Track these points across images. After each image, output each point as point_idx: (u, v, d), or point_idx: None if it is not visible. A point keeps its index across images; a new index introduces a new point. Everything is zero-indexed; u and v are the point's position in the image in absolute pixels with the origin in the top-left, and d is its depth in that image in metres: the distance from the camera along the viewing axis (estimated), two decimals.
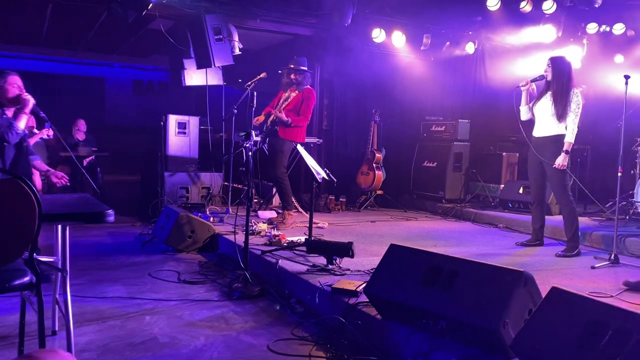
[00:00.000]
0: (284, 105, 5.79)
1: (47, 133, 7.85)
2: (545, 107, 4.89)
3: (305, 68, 5.93)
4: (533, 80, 5.04)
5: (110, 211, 2.57)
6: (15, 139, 3.68)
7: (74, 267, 4.38)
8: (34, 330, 2.48)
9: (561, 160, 4.74)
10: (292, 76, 5.88)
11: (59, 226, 2.84)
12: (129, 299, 3.78)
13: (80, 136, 8.31)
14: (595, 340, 1.96)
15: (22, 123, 3.68)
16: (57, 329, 3.12)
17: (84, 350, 2.86)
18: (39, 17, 8.16)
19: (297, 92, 5.87)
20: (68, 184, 4.05)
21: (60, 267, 2.85)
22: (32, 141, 7.76)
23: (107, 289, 4.00)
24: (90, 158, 8.12)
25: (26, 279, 2.38)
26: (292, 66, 5.91)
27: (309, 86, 5.99)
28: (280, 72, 6.00)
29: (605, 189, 7.00)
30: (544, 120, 4.91)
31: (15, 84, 3.77)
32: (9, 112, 3.77)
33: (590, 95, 6.73)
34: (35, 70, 12.56)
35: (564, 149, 4.74)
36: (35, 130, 7.87)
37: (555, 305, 2.19)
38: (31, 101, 3.75)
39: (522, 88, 5.07)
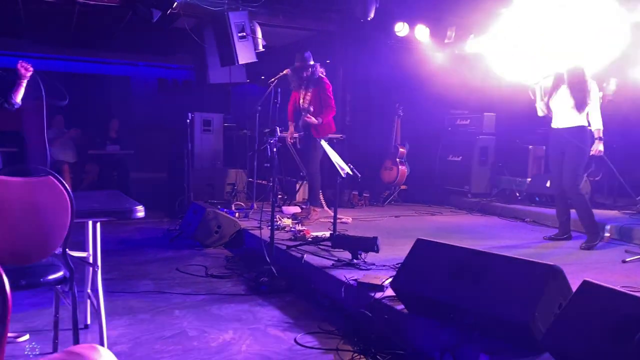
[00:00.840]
0: (310, 109, 5.76)
1: (75, 133, 8.04)
2: (563, 99, 4.86)
3: (312, 62, 5.84)
4: (547, 78, 4.99)
5: (140, 207, 2.62)
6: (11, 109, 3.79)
7: (105, 263, 4.46)
8: (68, 324, 2.55)
9: (596, 147, 4.74)
10: (304, 74, 5.81)
11: (90, 222, 2.90)
12: (158, 294, 3.85)
13: (113, 135, 8.47)
14: (628, 335, 1.92)
15: (16, 94, 3.81)
16: (89, 322, 3.19)
17: (115, 343, 2.93)
18: (67, 19, 8.32)
19: (310, 88, 5.83)
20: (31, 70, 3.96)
21: (91, 262, 2.92)
22: (60, 139, 7.95)
23: (137, 283, 4.08)
24: (118, 155, 8.26)
25: (60, 273, 2.45)
26: (297, 64, 5.82)
27: (319, 75, 5.89)
28: (287, 72, 5.88)
29: (635, 181, 6.84)
30: (563, 112, 4.89)
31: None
32: None
33: (614, 90, 6.58)
34: (63, 71, 12.82)
35: (597, 136, 4.75)
36: (64, 129, 8.06)
37: (586, 299, 2.15)
38: (21, 71, 3.82)
39: (537, 85, 5.02)
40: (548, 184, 6.81)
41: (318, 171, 5.94)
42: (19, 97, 3.79)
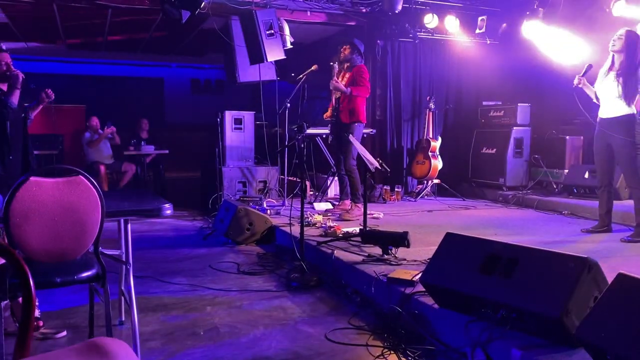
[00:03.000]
0: (338, 79, 5.89)
1: (111, 131, 8.23)
2: (610, 87, 4.64)
3: (356, 46, 6.02)
4: (584, 74, 4.79)
5: (168, 205, 2.66)
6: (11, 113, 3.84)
7: (140, 260, 4.58)
8: (103, 319, 2.62)
9: None
10: (346, 52, 5.99)
11: (122, 221, 2.96)
12: (190, 290, 3.91)
13: (144, 135, 8.64)
14: None
15: (14, 98, 3.83)
16: (123, 319, 3.27)
17: (148, 339, 2.99)
18: (100, 23, 8.53)
19: (348, 72, 5.97)
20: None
21: (123, 259, 2.98)
22: (97, 141, 8.16)
23: (170, 280, 4.15)
24: (153, 155, 8.43)
25: (93, 271, 2.51)
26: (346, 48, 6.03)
27: (360, 64, 6.04)
28: (315, 68, 6.09)
29: None
30: (610, 101, 4.66)
31: (2, 61, 3.90)
32: (3, 86, 3.92)
33: None
34: (99, 74, 13.17)
35: None
36: (100, 131, 8.27)
37: (622, 292, 2.08)
38: (20, 76, 3.89)
39: (580, 86, 4.82)
40: (586, 175, 6.61)
41: (353, 167, 5.91)
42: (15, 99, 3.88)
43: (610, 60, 4.68)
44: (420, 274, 3.11)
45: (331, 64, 6.00)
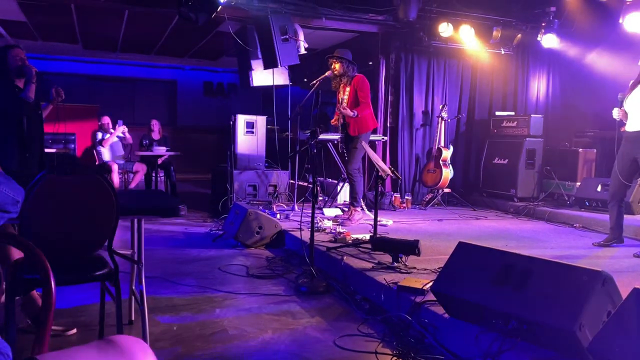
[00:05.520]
0: (345, 104, 5.82)
1: (122, 130, 8.28)
2: (638, 100, 4.60)
3: (344, 57, 5.86)
4: (622, 105, 4.69)
5: (183, 206, 2.67)
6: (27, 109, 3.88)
7: (150, 261, 4.59)
8: (113, 318, 2.63)
9: None
10: (336, 66, 5.85)
11: (135, 220, 2.98)
12: (200, 292, 3.91)
13: (155, 136, 8.69)
14: None
15: (31, 92, 3.88)
16: (133, 318, 3.28)
17: (158, 339, 2.99)
18: (116, 24, 8.61)
19: (348, 86, 5.88)
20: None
21: (136, 259, 2.99)
22: (109, 140, 8.22)
23: (180, 281, 4.15)
24: (164, 157, 8.47)
25: (105, 269, 2.52)
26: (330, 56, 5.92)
27: (357, 74, 5.93)
28: (328, 74, 5.96)
29: None
30: (638, 115, 4.62)
31: (17, 56, 3.95)
32: (20, 83, 3.97)
33: None
34: (113, 75, 13.29)
35: None
36: (111, 130, 8.33)
37: (637, 307, 2.06)
38: (33, 69, 3.94)
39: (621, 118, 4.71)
40: (599, 189, 6.56)
41: (356, 171, 5.92)
42: (32, 93, 3.93)
43: (638, 75, 4.65)
44: (430, 283, 3.10)
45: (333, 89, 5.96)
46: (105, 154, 8.19)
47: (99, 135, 8.23)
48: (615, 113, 4.70)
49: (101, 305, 2.84)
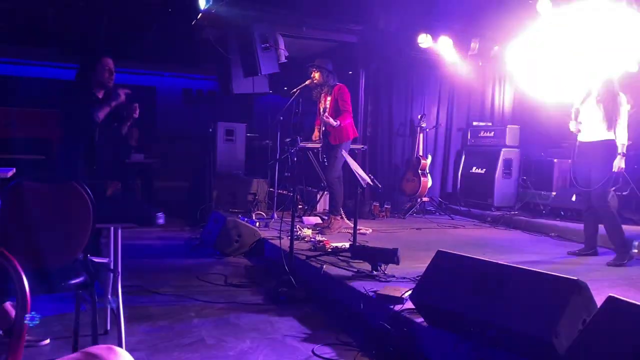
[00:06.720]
0: (326, 114, 5.84)
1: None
2: (592, 112, 4.77)
3: (324, 67, 5.90)
4: (577, 117, 4.85)
5: (160, 214, 2.64)
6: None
7: (126, 269, 4.51)
8: (89, 329, 2.57)
9: (618, 162, 4.61)
10: (316, 76, 5.88)
11: (112, 228, 2.93)
12: (177, 302, 3.86)
13: (133, 143, 8.58)
14: None
15: (102, 114, 3.75)
16: (109, 328, 3.22)
17: (134, 349, 2.94)
18: (95, 28, 8.52)
19: (329, 95, 5.89)
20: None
21: (112, 268, 2.95)
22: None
23: (156, 290, 4.10)
24: (142, 164, 8.37)
25: (81, 278, 2.47)
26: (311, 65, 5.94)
27: (338, 84, 5.96)
28: (308, 83, 5.95)
29: None
30: (592, 126, 4.78)
31: (106, 67, 3.85)
32: (100, 94, 3.88)
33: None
34: None
35: (620, 151, 4.61)
36: None
37: (611, 315, 2.09)
38: (121, 98, 3.85)
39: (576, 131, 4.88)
40: (574, 198, 6.68)
41: (336, 180, 5.94)
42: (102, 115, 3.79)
43: (590, 86, 4.81)
44: (409, 291, 3.11)
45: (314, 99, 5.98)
46: None
47: None
48: (572, 126, 4.88)
49: (76, 315, 2.78)
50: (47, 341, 2.97)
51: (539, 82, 8.10)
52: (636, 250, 5.07)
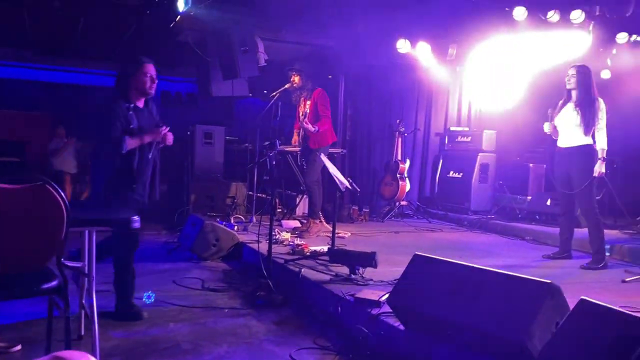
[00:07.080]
0: (306, 119, 5.84)
1: (72, 142, 8.09)
2: (570, 117, 4.82)
3: (304, 71, 5.93)
4: (552, 119, 4.95)
5: (136, 217, 2.61)
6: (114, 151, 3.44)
7: (101, 273, 4.44)
8: (62, 334, 2.53)
9: (599, 168, 4.67)
10: (296, 79, 5.89)
11: (86, 232, 2.89)
12: (153, 306, 3.81)
13: None
14: (625, 354, 1.90)
15: (129, 144, 3.44)
16: (83, 333, 3.17)
17: (109, 355, 2.90)
18: (71, 29, 8.40)
19: (308, 99, 5.90)
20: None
21: (86, 272, 2.90)
22: (62, 150, 7.98)
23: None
24: None
25: (54, 283, 2.43)
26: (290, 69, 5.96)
27: (318, 88, 5.98)
28: (288, 86, 5.96)
29: (635, 201, 6.82)
30: (569, 131, 4.84)
31: (148, 74, 3.57)
32: (140, 103, 3.62)
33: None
34: (67, 82, 12.89)
35: (600, 156, 4.68)
36: (65, 140, 8.09)
37: (584, 317, 2.13)
38: (168, 141, 3.59)
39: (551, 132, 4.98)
40: (549, 203, 6.79)
41: (315, 183, 5.95)
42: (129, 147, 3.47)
43: (567, 94, 4.88)
44: (387, 295, 3.12)
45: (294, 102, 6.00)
46: (59, 163, 7.94)
47: (53, 144, 7.99)
48: (546, 127, 4.97)
49: (49, 320, 2.72)
50: (19, 347, 2.91)
51: (517, 86, 8.26)
52: (608, 254, 5.18)
